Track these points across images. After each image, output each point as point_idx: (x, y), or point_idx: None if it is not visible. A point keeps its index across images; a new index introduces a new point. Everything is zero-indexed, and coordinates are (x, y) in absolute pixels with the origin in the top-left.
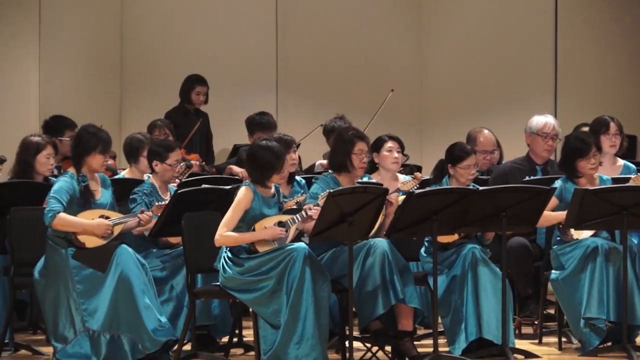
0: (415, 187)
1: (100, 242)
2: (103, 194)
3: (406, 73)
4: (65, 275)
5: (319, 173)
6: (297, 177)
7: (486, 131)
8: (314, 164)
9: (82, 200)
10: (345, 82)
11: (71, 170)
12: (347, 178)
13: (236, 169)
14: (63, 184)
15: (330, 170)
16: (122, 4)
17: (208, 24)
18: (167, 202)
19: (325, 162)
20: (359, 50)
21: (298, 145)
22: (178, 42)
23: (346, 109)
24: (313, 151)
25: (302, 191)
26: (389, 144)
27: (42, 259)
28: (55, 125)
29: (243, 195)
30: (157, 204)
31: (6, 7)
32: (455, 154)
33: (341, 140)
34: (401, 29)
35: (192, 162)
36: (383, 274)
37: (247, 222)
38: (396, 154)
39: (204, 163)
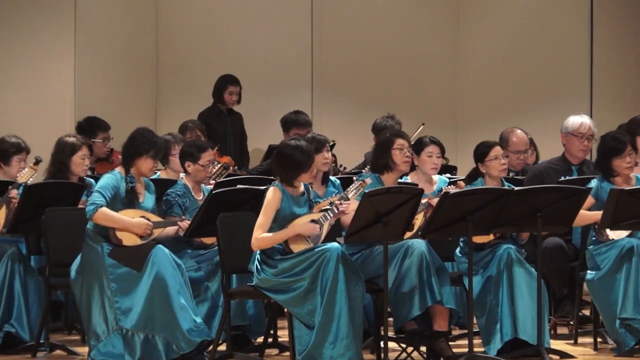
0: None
1: (137, 241)
2: (146, 198)
3: (442, 73)
4: (100, 273)
5: (357, 173)
6: (332, 178)
7: (518, 131)
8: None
9: (126, 201)
10: (380, 81)
11: (119, 169)
12: (391, 177)
13: None
14: (109, 180)
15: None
16: (156, 4)
17: (243, 24)
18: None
19: None
20: (395, 49)
21: (332, 146)
22: (213, 42)
23: (382, 108)
24: (352, 151)
25: (337, 191)
26: (430, 149)
27: (79, 257)
28: (88, 127)
29: (272, 195)
30: None
31: (42, 7)
32: (480, 152)
33: (380, 142)
34: (437, 28)
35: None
36: (420, 276)
37: (279, 222)
38: (436, 160)
39: (236, 168)
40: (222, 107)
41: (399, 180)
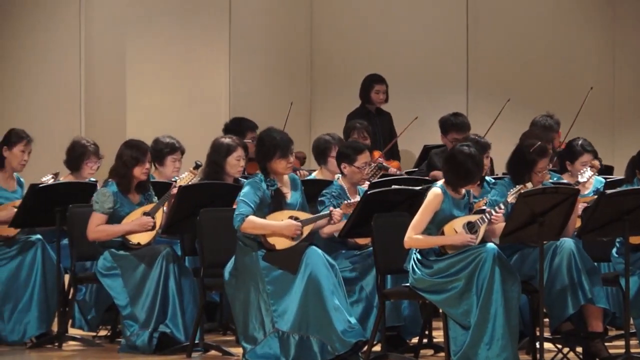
0: (594, 174)
1: (289, 243)
2: (292, 195)
3: (598, 72)
4: (255, 277)
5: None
6: (487, 178)
7: None
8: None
9: (273, 205)
10: (536, 82)
11: (259, 171)
12: None
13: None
14: (252, 187)
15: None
16: (312, 6)
17: (397, 24)
18: (356, 200)
19: None
20: (551, 49)
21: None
22: (366, 42)
23: (538, 109)
24: (508, 153)
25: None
26: (584, 158)
27: (232, 260)
28: (235, 128)
29: (433, 197)
30: (345, 202)
31: (197, 10)
32: None
33: (523, 157)
34: (592, 27)
35: (393, 170)
36: (570, 274)
37: (436, 223)
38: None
39: (403, 173)
40: (370, 107)
41: (553, 181)
